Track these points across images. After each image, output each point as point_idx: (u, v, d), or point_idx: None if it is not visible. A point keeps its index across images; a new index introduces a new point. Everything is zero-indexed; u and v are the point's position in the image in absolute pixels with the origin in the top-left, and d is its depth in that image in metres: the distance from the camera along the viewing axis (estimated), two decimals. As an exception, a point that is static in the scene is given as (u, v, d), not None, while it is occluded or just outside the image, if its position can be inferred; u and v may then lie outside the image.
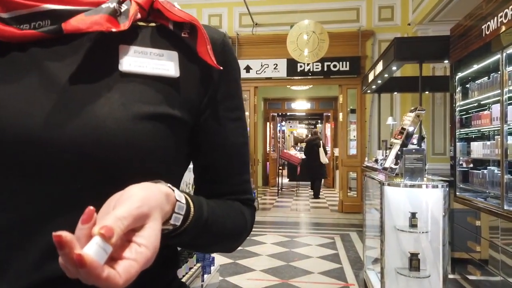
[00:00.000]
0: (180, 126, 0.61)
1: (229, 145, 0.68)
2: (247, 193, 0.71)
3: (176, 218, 0.51)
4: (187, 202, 0.54)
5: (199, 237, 0.58)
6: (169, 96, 0.60)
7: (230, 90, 0.68)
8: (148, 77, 0.58)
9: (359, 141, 7.66)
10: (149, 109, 0.57)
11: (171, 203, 0.50)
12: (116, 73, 0.57)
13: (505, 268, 2.80)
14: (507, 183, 2.89)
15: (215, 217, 0.60)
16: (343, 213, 7.53)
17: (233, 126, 0.68)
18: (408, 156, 2.86)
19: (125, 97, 0.56)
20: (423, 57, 4.56)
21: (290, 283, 3.82)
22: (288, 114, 16.36)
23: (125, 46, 0.59)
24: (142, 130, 0.55)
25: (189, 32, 0.62)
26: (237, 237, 0.68)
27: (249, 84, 7.86)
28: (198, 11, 7.97)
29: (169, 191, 0.50)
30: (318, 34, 6.37)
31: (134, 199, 0.44)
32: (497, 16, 2.94)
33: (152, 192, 0.46)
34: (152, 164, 0.57)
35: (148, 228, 0.43)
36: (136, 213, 0.42)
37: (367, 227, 3.87)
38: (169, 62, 0.60)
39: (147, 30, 0.62)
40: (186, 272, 2.86)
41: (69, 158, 0.53)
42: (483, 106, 3.77)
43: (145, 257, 0.41)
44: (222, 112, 0.66)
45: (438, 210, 2.83)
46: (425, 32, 6.33)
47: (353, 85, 7.58)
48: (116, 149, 0.53)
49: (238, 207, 0.68)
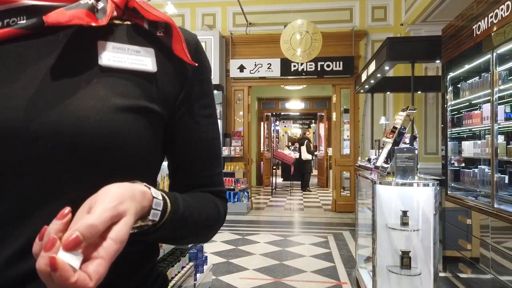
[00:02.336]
0: (158, 120, 0.63)
1: (202, 140, 0.71)
2: (219, 185, 0.75)
3: (154, 213, 0.53)
4: (164, 198, 0.56)
5: (177, 230, 0.60)
6: (148, 90, 0.62)
7: (204, 88, 0.71)
8: (127, 71, 0.60)
9: (352, 141, 7.69)
10: (130, 102, 0.58)
11: (148, 200, 0.52)
12: (96, 67, 0.59)
13: (495, 266, 2.82)
14: (497, 181, 2.91)
15: (190, 210, 0.62)
16: (337, 212, 7.56)
17: (206, 122, 0.72)
18: (400, 155, 2.87)
19: (107, 90, 0.57)
20: (415, 57, 4.59)
21: (283, 282, 3.83)
22: (282, 113, 16.38)
23: (104, 42, 0.60)
24: (124, 122, 0.57)
25: (164, 31, 0.65)
26: (211, 228, 0.71)
27: (243, 84, 7.87)
28: (192, 10, 7.96)
29: (145, 189, 0.52)
30: (311, 34, 6.39)
31: (110, 197, 0.46)
32: (488, 16, 2.96)
33: (128, 190, 0.49)
34: (133, 154, 0.59)
35: (121, 223, 0.45)
36: (111, 213, 0.44)
37: (360, 226, 3.89)
38: (147, 57, 0.62)
39: (122, 28, 0.64)
40: (179, 271, 2.86)
41: (54, 150, 0.53)
42: (474, 105, 3.80)
43: (112, 251, 0.42)
44: (197, 109, 0.70)
45: (429, 208, 2.85)
46: (417, 33, 6.37)
47: (346, 85, 7.61)
48: (100, 139, 0.55)
49: (211, 199, 0.71)
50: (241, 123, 7.93)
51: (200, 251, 3.29)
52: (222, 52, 7.70)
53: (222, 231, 5.92)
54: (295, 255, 4.75)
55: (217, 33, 7.56)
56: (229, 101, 7.91)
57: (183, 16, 7.94)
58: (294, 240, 5.50)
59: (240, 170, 7.63)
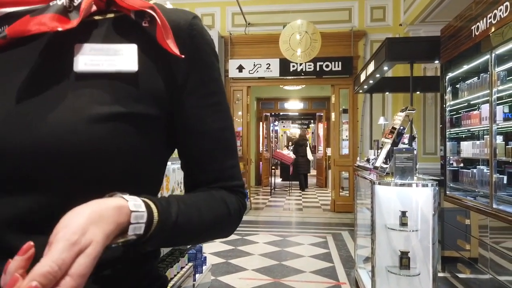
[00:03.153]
0: (146, 122, 0.59)
1: (208, 132, 0.66)
2: (234, 179, 0.69)
3: (135, 227, 0.49)
4: (149, 209, 0.52)
5: (173, 237, 0.57)
6: (129, 93, 0.57)
7: (203, 76, 0.65)
8: (105, 75, 0.56)
9: (351, 141, 7.69)
10: (106, 109, 0.54)
11: (125, 214, 0.48)
12: (71, 74, 0.55)
13: (494, 266, 2.83)
14: (496, 182, 2.92)
15: (188, 215, 0.58)
16: (335, 212, 7.56)
17: (210, 112, 0.66)
18: (399, 155, 2.88)
19: (80, 100, 0.54)
20: (414, 57, 4.60)
21: (282, 282, 3.83)
22: (281, 114, 16.38)
23: (81, 45, 0.56)
24: (99, 133, 0.53)
25: (149, 21, 0.59)
26: (220, 227, 0.66)
27: (242, 84, 7.87)
28: (191, 10, 7.90)
29: (121, 204, 0.48)
30: (310, 34, 6.39)
31: (71, 230, 0.43)
32: (487, 17, 2.97)
33: (94, 213, 0.45)
34: (119, 165, 0.55)
35: (82, 256, 0.42)
36: (72, 252, 0.41)
37: (359, 226, 3.90)
38: (127, 56, 0.57)
39: (104, 23, 0.59)
40: (178, 272, 2.86)
41: (28, 167, 0.51)
42: (472, 106, 3.81)
43: (70, 286, 0.40)
44: (197, 99, 0.64)
45: (428, 209, 2.85)
46: (416, 33, 6.38)
47: (345, 85, 7.62)
48: (75, 156, 0.52)
49: (220, 197, 0.65)
50: (240, 123, 7.94)
51: (199, 252, 3.29)
52: (221, 52, 7.70)
53: (221, 231, 5.92)
54: (294, 255, 4.75)
55: (216, 33, 7.55)
56: (228, 101, 7.88)
57: (182, 16, 7.93)
58: (293, 240, 5.50)
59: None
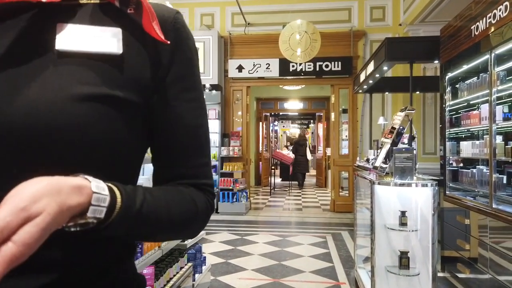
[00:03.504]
0: (128, 108, 0.58)
1: (183, 126, 0.65)
2: (204, 177, 0.68)
3: (95, 210, 0.48)
4: (112, 193, 0.50)
5: (135, 227, 0.55)
6: (112, 76, 0.56)
7: (184, 70, 0.65)
8: (88, 55, 0.55)
9: (351, 141, 7.70)
10: (88, 90, 0.53)
11: (86, 194, 0.47)
12: (53, 52, 0.54)
13: (493, 266, 2.83)
14: (496, 182, 2.92)
15: (154, 206, 0.57)
16: (335, 212, 7.57)
17: (188, 107, 0.65)
18: (398, 155, 2.87)
19: (62, 78, 0.53)
20: (413, 57, 4.60)
21: (282, 282, 3.82)
22: (281, 114, 16.39)
23: (63, 24, 0.55)
24: (80, 113, 0.52)
25: (135, 8, 0.60)
26: (186, 225, 0.64)
27: (241, 84, 7.87)
28: (191, 10, 7.95)
29: (82, 183, 0.47)
30: (310, 34, 6.39)
31: (22, 196, 0.41)
32: (486, 17, 2.97)
33: (50, 185, 0.44)
34: (97, 148, 0.55)
35: (28, 225, 0.40)
36: (19, 216, 0.40)
37: (358, 226, 3.89)
38: (112, 38, 0.57)
39: (88, 7, 0.59)
40: (177, 272, 2.86)
41: (5, 145, 0.50)
42: (472, 106, 3.81)
43: (10, 253, 0.38)
44: (176, 92, 0.64)
45: (427, 208, 2.85)
46: (416, 33, 6.38)
47: (345, 85, 7.62)
48: (52, 133, 0.51)
49: (188, 193, 0.64)
50: (240, 123, 7.93)
51: (199, 252, 3.28)
52: (221, 52, 7.70)
53: (221, 231, 5.93)
54: (294, 255, 4.75)
55: (216, 33, 7.55)
56: (227, 101, 7.91)
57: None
58: (293, 240, 5.50)
59: (239, 170, 7.63)
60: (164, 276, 2.61)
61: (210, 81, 7.51)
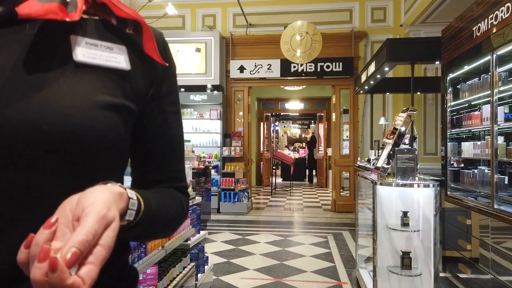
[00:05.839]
0: (131, 117, 0.64)
1: (169, 136, 0.73)
2: (183, 180, 0.76)
3: (130, 213, 0.53)
4: (137, 197, 0.56)
5: (149, 227, 0.61)
6: (123, 88, 0.62)
7: (171, 86, 0.73)
8: (102, 68, 0.59)
9: (351, 141, 7.71)
10: (109, 99, 0.58)
11: (125, 200, 0.52)
12: (71, 63, 0.57)
13: (495, 266, 2.84)
14: (497, 182, 2.93)
15: (160, 208, 0.64)
16: (336, 212, 7.58)
17: (173, 118, 0.74)
18: (400, 155, 2.89)
19: (86, 86, 0.57)
20: (415, 58, 4.61)
21: (284, 281, 3.84)
22: (282, 114, 16.40)
23: (76, 37, 0.59)
24: (104, 120, 0.57)
25: (134, 29, 0.64)
26: (176, 223, 0.72)
27: (243, 84, 7.88)
28: (192, 11, 7.97)
29: (122, 190, 0.52)
30: (311, 35, 6.41)
31: (99, 205, 0.46)
32: (488, 18, 2.98)
33: (112, 194, 0.49)
34: (112, 152, 0.60)
35: (109, 229, 0.45)
36: (103, 224, 0.44)
37: (360, 226, 3.91)
38: (120, 55, 0.62)
39: (91, 22, 0.62)
40: (180, 272, 2.87)
41: (31, 145, 0.52)
42: (473, 106, 3.82)
43: (101, 256, 0.43)
44: (165, 105, 0.71)
45: (429, 209, 2.87)
46: (417, 34, 6.39)
47: (346, 85, 7.63)
48: (80, 138, 0.55)
49: (176, 195, 0.73)
50: (241, 123, 7.95)
51: (201, 251, 3.30)
52: (222, 53, 7.72)
53: (223, 231, 5.94)
54: (295, 255, 4.76)
55: (218, 34, 7.57)
56: (229, 102, 7.93)
57: (183, 17, 7.96)
58: (294, 240, 5.52)
59: (240, 170, 7.64)
60: (168, 275, 2.63)
61: (211, 82, 7.53)
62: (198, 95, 7.65)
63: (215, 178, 7.53)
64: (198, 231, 3.30)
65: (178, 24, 7.91)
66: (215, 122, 7.77)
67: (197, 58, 7.55)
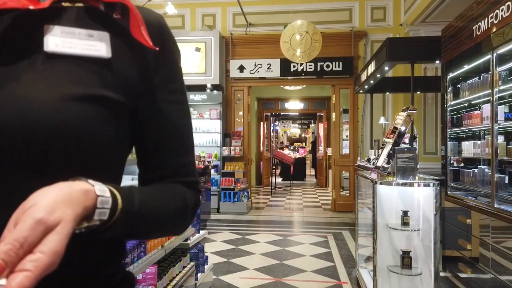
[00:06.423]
0: (117, 108, 0.60)
1: (170, 127, 0.68)
2: (191, 175, 0.70)
3: (101, 213, 0.49)
4: (113, 195, 0.51)
5: (134, 226, 0.57)
6: (102, 77, 0.58)
7: (170, 73, 0.68)
8: (77, 57, 0.56)
9: (351, 141, 7.71)
10: (79, 90, 0.55)
11: (92, 198, 0.48)
12: (41, 54, 0.55)
13: (495, 265, 2.84)
14: (497, 181, 2.93)
15: (150, 206, 0.59)
16: (336, 212, 7.58)
17: (174, 108, 0.68)
18: (400, 155, 2.88)
19: (52, 78, 0.54)
20: (414, 57, 4.60)
21: (283, 281, 3.83)
22: (282, 114, 16.39)
23: (51, 26, 0.56)
24: (73, 112, 0.53)
25: (121, 13, 0.61)
26: (178, 222, 0.67)
27: (242, 84, 7.88)
28: (192, 11, 7.96)
29: (87, 187, 0.48)
30: (311, 34, 6.40)
31: (38, 208, 0.42)
32: (488, 17, 2.98)
33: (62, 193, 0.45)
34: (89, 147, 0.56)
35: (52, 234, 0.42)
36: (37, 230, 0.41)
37: (360, 225, 3.90)
38: (100, 42, 0.58)
39: (73, 10, 0.60)
40: (180, 271, 2.87)
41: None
42: (473, 106, 3.81)
43: (42, 263, 0.40)
44: (163, 94, 0.66)
45: (429, 208, 2.86)
46: (417, 33, 6.39)
47: (345, 85, 7.63)
48: (48, 133, 0.52)
49: (179, 190, 0.67)
50: (241, 123, 7.95)
51: (201, 251, 3.29)
52: (222, 52, 7.71)
53: (222, 231, 5.94)
54: (295, 254, 4.76)
55: (217, 34, 7.57)
56: (229, 101, 7.93)
57: (183, 17, 7.95)
58: (294, 239, 5.51)
59: (240, 170, 7.64)
60: (167, 275, 2.62)
61: (211, 81, 7.52)
62: (198, 95, 7.65)
63: (214, 178, 7.53)
64: (197, 230, 3.30)
65: (177, 23, 7.91)
66: (215, 121, 7.76)
67: (196, 58, 7.55)
